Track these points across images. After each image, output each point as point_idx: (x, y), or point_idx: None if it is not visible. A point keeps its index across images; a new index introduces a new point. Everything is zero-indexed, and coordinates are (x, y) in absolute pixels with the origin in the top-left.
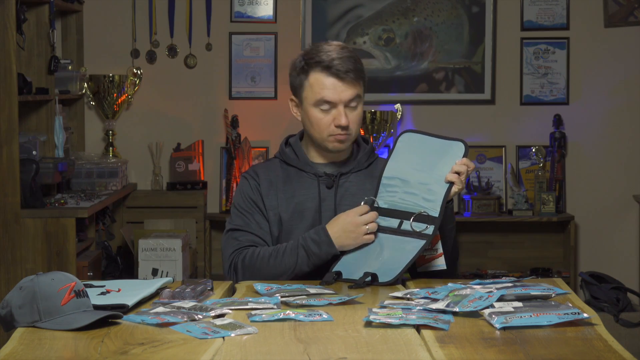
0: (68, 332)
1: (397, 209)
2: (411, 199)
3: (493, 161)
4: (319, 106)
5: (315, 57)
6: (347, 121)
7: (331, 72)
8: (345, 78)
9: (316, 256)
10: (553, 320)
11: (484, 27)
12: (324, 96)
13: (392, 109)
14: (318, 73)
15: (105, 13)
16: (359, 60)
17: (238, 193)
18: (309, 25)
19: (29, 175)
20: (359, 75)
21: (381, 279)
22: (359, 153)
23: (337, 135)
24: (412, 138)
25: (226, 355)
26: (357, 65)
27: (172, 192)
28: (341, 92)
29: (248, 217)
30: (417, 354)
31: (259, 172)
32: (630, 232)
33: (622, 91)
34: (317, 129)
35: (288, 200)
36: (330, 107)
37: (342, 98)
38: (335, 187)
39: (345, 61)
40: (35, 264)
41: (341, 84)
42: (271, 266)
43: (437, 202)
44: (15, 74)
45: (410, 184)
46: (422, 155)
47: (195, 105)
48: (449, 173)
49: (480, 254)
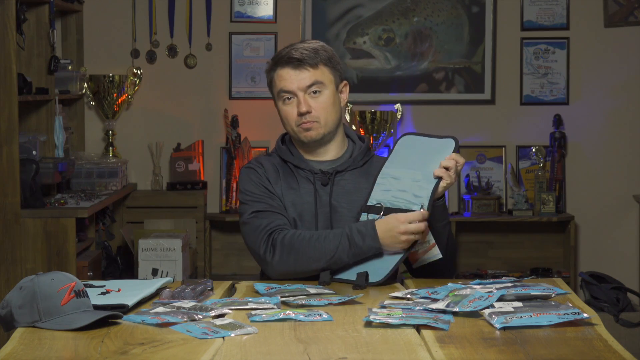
0: (68, 332)
1: (388, 206)
2: (402, 196)
3: (493, 161)
4: (282, 99)
5: (279, 54)
6: (308, 107)
7: (286, 62)
8: (300, 65)
9: (358, 247)
10: (553, 320)
11: (484, 27)
12: (282, 87)
13: (392, 109)
14: (278, 68)
15: (105, 13)
16: (324, 49)
17: (247, 182)
18: (309, 25)
19: (29, 175)
20: (317, 61)
21: (372, 278)
22: (355, 151)
23: (302, 124)
24: (409, 140)
25: (226, 355)
26: (315, 53)
27: (172, 192)
28: (297, 79)
29: (267, 200)
30: (417, 354)
31: (263, 162)
32: (630, 232)
33: (622, 91)
34: (287, 122)
35: (290, 191)
36: (292, 96)
37: (299, 85)
38: (331, 184)
39: (301, 50)
40: (35, 264)
41: (296, 72)
42: (311, 248)
43: (425, 197)
44: (15, 74)
45: (402, 182)
46: (416, 154)
47: (195, 105)
48: (438, 168)
49: (480, 254)
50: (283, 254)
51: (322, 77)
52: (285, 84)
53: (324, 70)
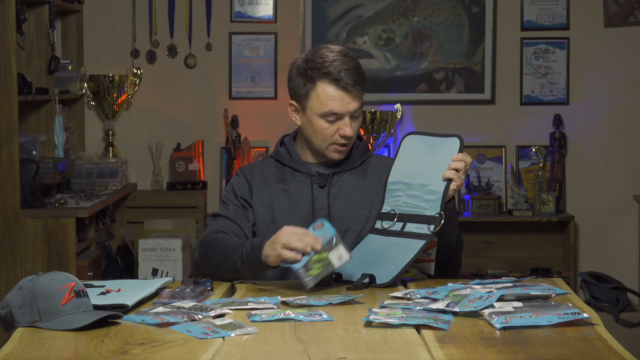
0: (68, 332)
1: (400, 212)
2: (413, 201)
3: (493, 161)
4: (326, 117)
5: (321, 67)
6: (352, 131)
7: (339, 86)
8: (353, 91)
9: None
10: (553, 320)
11: (484, 27)
12: (331, 108)
13: (392, 109)
14: (326, 84)
15: (105, 13)
16: (361, 69)
17: (228, 187)
18: (309, 25)
19: (29, 175)
20: (364, 86)
21: (379, 280)
22: (352, 151)
23: (339, 145)
24: (413, 140)
25: (226, 355)
26: (362, 76)
27: (172, 192)
28: (348, 104)
29: (231, 207)
30: (417, 354)
31: (253, 169)
32: (630, 232)
33: (622, 91)
34: (321, 138)
35: (281, 198)
36: (336, 118)
37: (349, 109)
38: (328, 186)
39: (353, 73)
40: (35, 264)
41: (348, 97)
42: (219, 251)
43: (437, 201)
44: (15, 74)
45: (413, 187)
46: (421, 155)
47: (195, 105)
48: (447, 170)
49: (480, 254)
50: (200, 253)
51: (362, 101)
52: (336, 106)
53: (363, 94)
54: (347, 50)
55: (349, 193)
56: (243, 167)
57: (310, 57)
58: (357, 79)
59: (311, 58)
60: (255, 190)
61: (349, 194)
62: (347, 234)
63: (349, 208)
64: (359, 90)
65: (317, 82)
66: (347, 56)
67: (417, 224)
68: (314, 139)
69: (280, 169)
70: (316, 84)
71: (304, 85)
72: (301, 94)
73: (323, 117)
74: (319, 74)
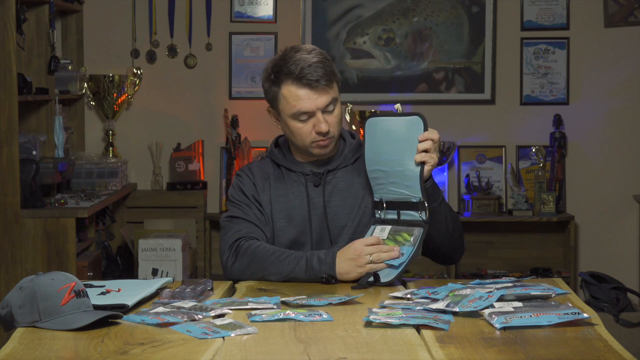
0: (68, 332)
1: (388, 200)
2: (395, 187)
3: (493, 161)
4: (297, 117)
5: (283, 68)
6: (328, 126)
7: (302, 83)
8: (318, 86)
9: (315, 271)
10: (553, 320)
11: (484, 27)
12: (299, 108)
13: (392, 109)
14: (290, 85)
15: (105, 13)
16: (328, 62)
17: (233, 188)
18: (309, 25)
19: (29, 175)
20: (331, 79)
21: (383, 279)
22: (345, 148)
23: (319, 141)
24: (375, 124)
25: (226, 355)
26: (327, 69)
27: (172, 192)
28: (315, 100)
29: (245, 208)
30: (417, 354)
31: (254, 169)
32: (630, 232)
33: (622, 91)
34: (299, 138)
35: (279, 198)
36: (309, 116)
37: (318, 106)
38: (323, 184)
39: (315, 68)
40: (35, 264)
41: (314, 93)
42: (270, 263)
43: (416, 186)
44: (15, 74)
45: (390, 173)
46: (388, 139)
47: (195, 105)
48: (417, 154)
49: (480, 254)
50: (243, 263)
51: (335, 93)
52: (304, 105)
53: (334, 86)
54: (314, 47)
55: (344, 190)
56: (242, 167)
57: (276, 60)
58: (322, 73)
59: (276, 61)
60: (260, 189)
61: (344, 191)
62: (344, 231)
63: (344, 205)
64: (325, 84)
65: (281, 84)
66: (312, 52)
67: (408, 211)
68: (294, 140)
69: (276, 169)
70: (281, 86)
71: (271, 88)
72: (271, 98)
73: (295, 118)
74: (282, 75)
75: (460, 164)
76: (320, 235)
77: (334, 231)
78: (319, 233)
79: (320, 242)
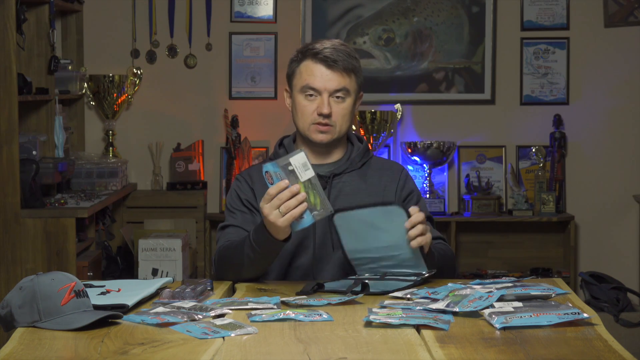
0: (68, 332)
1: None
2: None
3: (493, 161)
4: (305, 92)
5: (310, 47)
6: (329, 110)
7: (319, 59)
8: (333, 67)
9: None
10: (553, 320)
11: (484, 27)
12: (309, 82)
13: (392, 109)
14: (309, 60)
15: (105, 13)
16: (354, 56)
17: (230, 194)
18: (309, 25)
19: (29, 175)
20: (349, 68)
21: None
22: (353, 152)
23: (318, 124)
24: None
25: (226, 355)
26: (349, 58)
27: (172, 192)
28: (327, 80)
29: (238, 215)
30: (417, 354)
31: (253, 173)
32: (630, 232)
33: (622, 91)
34: (301, 117)
35: None
36: (316, 94)
37: (327, 87)
38: (329, 188)
39: (337, 52)
40: (35, 264)
41: (328, 72)
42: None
43: (419, 264)
44: (15, 74)
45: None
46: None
47: (195, 105)
48: (413, 241)
49: (480, 254)
50: (219, 267)
51: (349, 85)
52: (313, 81)
53: (352, 79)
54: (347, 44)
55: (350, 195)
56: (242, 172)
57: (306, 43)
58: (343, 60)
59: (306, 44)
60: (258, 194)
61: (350, 195)
62: None
63: None
64: (342, 69)
65: (302, 60)
66: (343, 45)
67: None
68: (297, 120)
69: None
70: (302, 62)
71: (291, 65)
72: (290, 74)
73: (303, 93)
74: (306, 52)
75: (460, 164)
76: (323, 239)
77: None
78: (322, 237)
79: (322, 245)
